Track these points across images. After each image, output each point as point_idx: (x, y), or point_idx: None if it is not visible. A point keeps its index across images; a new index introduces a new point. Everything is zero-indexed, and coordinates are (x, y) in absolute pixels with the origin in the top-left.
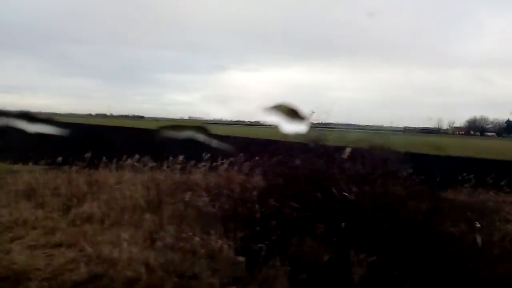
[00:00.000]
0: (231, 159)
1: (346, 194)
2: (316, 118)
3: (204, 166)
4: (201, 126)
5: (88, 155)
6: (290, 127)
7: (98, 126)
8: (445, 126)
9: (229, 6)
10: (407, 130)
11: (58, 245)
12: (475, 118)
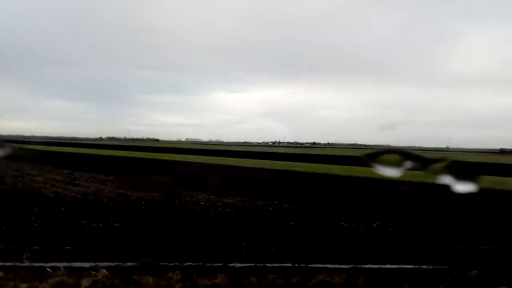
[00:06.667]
0: None
1: None
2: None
3: None
4: None
5: None
6: None
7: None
8: None
9: (215, 27)
10: (504, 152)
11: None
12: None
